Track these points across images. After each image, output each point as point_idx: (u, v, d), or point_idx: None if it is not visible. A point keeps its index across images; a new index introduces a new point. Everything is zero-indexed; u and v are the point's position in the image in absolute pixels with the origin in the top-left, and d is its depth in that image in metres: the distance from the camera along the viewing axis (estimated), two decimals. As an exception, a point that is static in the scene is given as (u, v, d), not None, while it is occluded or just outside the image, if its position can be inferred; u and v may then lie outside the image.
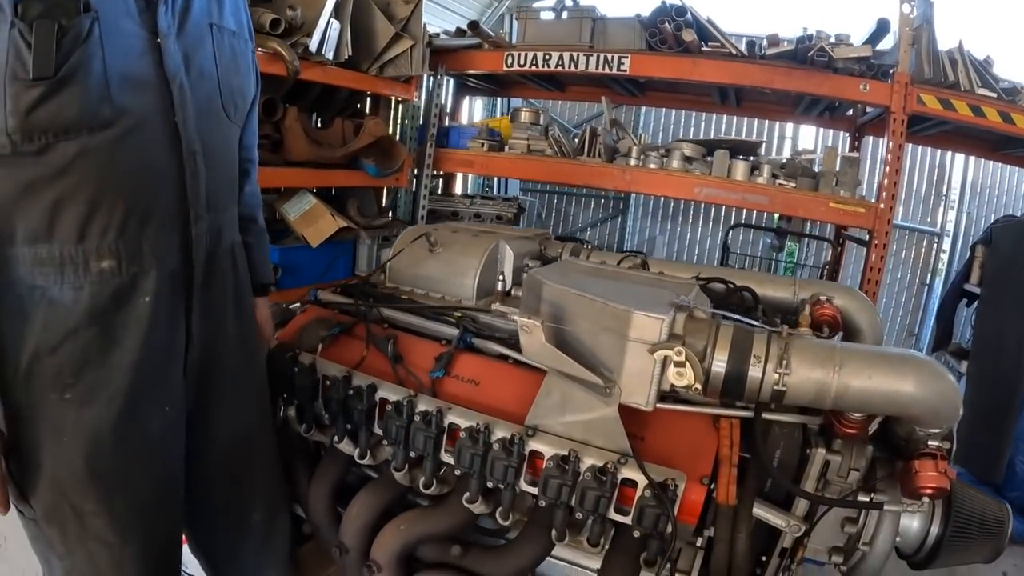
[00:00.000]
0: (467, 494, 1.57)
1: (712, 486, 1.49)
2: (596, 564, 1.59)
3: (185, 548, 1.59)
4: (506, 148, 4.11)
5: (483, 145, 4.05)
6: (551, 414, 1.55)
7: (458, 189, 5.50)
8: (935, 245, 6.82)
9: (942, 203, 6.80)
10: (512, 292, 2.13)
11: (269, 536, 1.69)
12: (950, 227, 6.78)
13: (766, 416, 1.54)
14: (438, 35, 4.20)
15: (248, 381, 1.59)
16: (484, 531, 1.78)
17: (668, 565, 1.50)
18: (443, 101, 4.35)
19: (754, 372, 1.38)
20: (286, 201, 3.18)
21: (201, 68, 1.31)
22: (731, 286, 2.11)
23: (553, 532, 1.50)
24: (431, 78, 4.09)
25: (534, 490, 1.49)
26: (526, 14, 4.01)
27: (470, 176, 5.93)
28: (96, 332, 1.22)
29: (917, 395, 1.32)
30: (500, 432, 1.54)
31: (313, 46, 2.87)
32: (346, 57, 3.06)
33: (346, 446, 1.79)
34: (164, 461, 1.37)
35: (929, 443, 1.45)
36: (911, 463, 1.43)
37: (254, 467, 1.63)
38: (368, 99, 3.82)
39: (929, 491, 1.41)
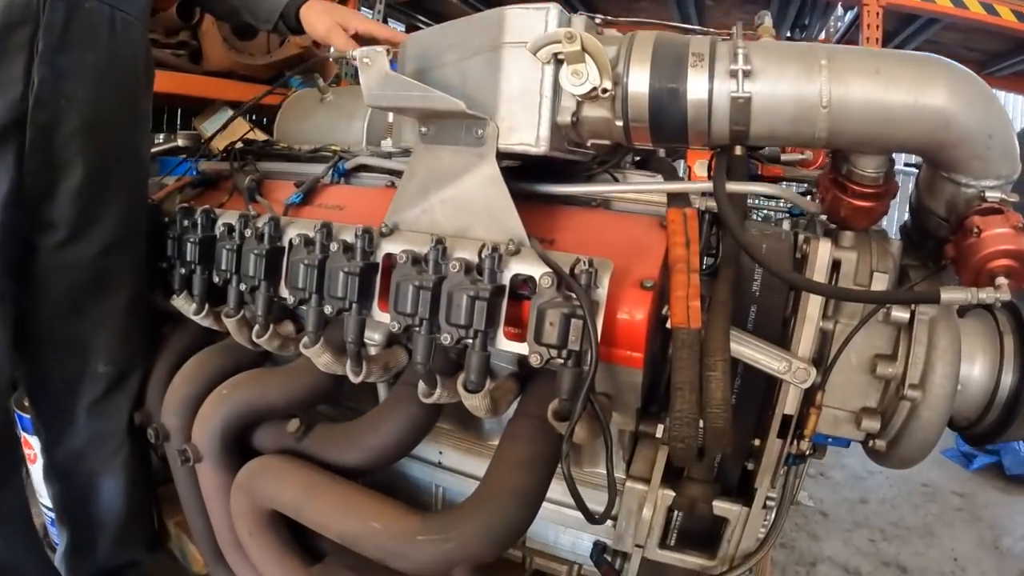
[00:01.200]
0: (305, 339, 1.07)
1: (665, 311, 0.97)
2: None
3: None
4: None
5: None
6: (413, 201, 1.06)
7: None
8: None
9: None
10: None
11: (111, 392, 1.41)
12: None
13: (735, 187, 1.02)
14: None
15: (118, 177, 1.30)
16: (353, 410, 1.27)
17: (612, 451, 0.97)
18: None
19: (696, 81, 0.88)
20: (206, 118, 2.78)
21: None
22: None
23: (420, 386, 0.99)
24: (372, 5, 3.73)
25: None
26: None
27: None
28: None
29: (954, 108, 0.85)
30: (345, 235, 1.05)
31: None
32: None
33: (184, 303, 1.32)
34: None
35: (987, 196, 0.92)
36: (967, 222, 0.90)
37: (105, 303, 1.35)
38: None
39: (1004, 261, 0.87)
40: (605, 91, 0.94)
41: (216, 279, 1.24)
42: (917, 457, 1.08)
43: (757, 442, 1.16)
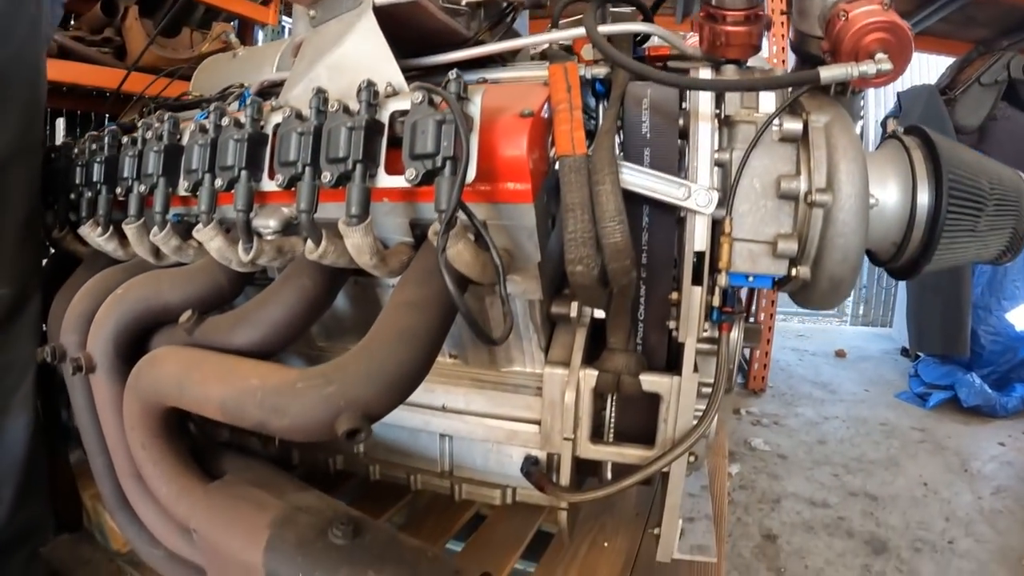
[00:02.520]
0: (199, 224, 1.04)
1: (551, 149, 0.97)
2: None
3: None
4: None
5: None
6: (302, 78, 1.06)
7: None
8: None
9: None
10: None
11: (10, 320, 1.33)
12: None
13: (608, 28, 1.04)
14: None
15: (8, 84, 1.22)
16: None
17: (503, 274, 0.94)
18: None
19: None
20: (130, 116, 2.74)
21: None
22: None
23: (307, 244, 0.96)
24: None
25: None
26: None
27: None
28: None
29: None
30: (237, 116, 1.05)
31: None
32: None
33: (90, 230, 1.31)
34: None
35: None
36: (833, 11, 0.93)
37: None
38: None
39: (876, 35, 0.90)
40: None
41: (119, 190, 1.21)
42: (846, 274, 1.03)
43: (675, 295, 1.14)
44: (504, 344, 1.16)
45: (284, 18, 3.77)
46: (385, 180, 0.91)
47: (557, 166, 0.97)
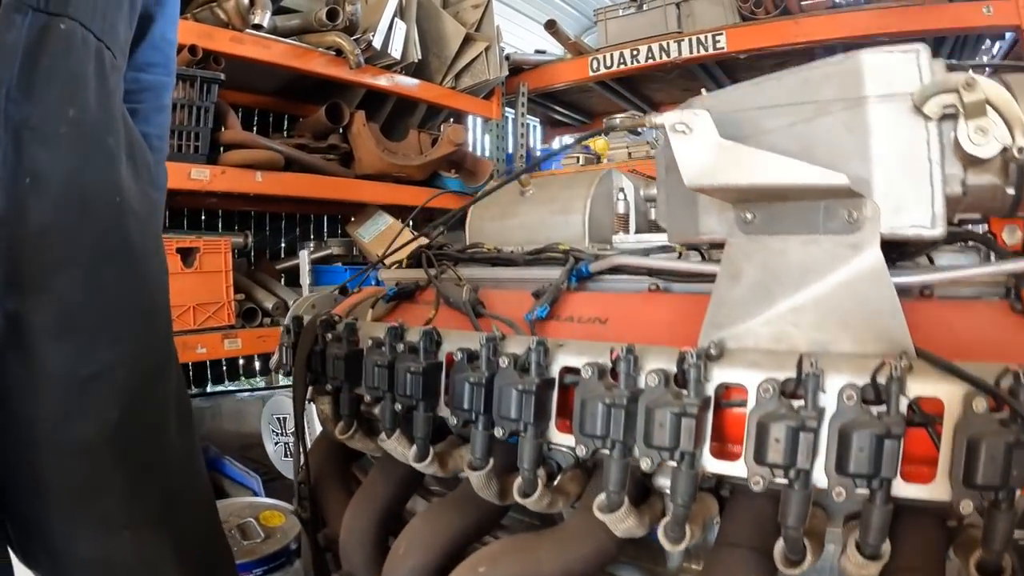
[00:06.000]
0: (600, 498, 0.84)
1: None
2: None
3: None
4: (604, 160, 3.70)
5: (579, 160, 3.57)
6: (747, 309, 0.83)
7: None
8: None
9: None
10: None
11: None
12: None
13: None
14: (516, 52, 3.88)
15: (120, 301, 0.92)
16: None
17: None
18: (528, 126, 3.96)
19: None
20: (360, 224, 2.74)
21: None
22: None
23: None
24: (515, 104, 3.74)
25: (735, 471, 0.76)
26: (605, 14, 3.62)
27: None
28: None
29: None
30: (654, 362, 0.82)
31: (377, 42, 2.62)
32: (415, 59, 2.83)
33: (399, 446, 1.11)
34: None
35: None
36: None
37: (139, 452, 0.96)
38: (451, 121, 3.43)
39: None
40: (1021, 150, 0.71)
41: (455, 420, 1.01)
42: None
43: None
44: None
45: (507, 109, 3.76)
46: (713, 465, 0.69)
47: None
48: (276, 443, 2.04)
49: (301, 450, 1.39)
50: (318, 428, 1.48)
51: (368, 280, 1.68)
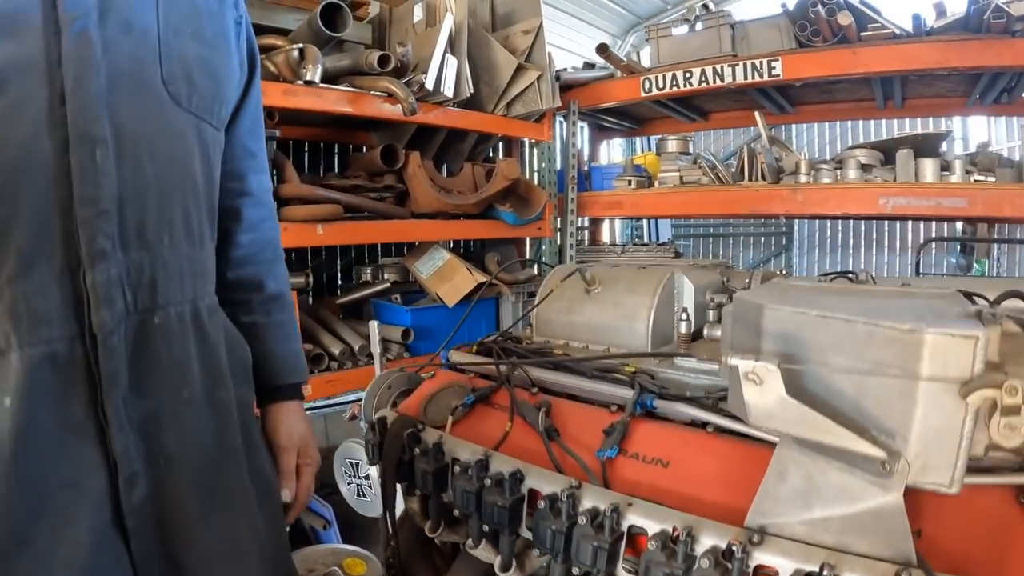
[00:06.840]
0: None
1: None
2: None
3: None
4: (656, 183, 3.76)
5: (630, 183, 3.66)
6: (787, 508, 1.01)
7: (605, 237, 5.02)
8: None
9: None
10: (705, 333, 1.64)
11: None
12: None
13: None
14: (565, 70, 3.85)
15: (247, 539, 1.07)
16: None
17: None
18: (579, 142, 3.98)
19: None
20: (417, 258, 2.88)
21: (128, 18, 0.89)
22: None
23: None
24: (564, 120, 3.77)
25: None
26: (657, 31, 3.61)
27: (617, 224, 5.49)
28: None
29: None
30: (708, 539, 1.02)
31: (429, 83, 2.65)
32: (467, 95, 2.84)
33: (485, 552, 1.34)
34: None
35: None
36: None
37: None
38: (500, 145, 3.51)
39: None
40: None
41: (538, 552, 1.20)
42: None
43: None
44: None
45: (558, 117, 3.77)
46: None
47: None
48: (349, 483, 2.25)
49: (388, 526, 1.59)
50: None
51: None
